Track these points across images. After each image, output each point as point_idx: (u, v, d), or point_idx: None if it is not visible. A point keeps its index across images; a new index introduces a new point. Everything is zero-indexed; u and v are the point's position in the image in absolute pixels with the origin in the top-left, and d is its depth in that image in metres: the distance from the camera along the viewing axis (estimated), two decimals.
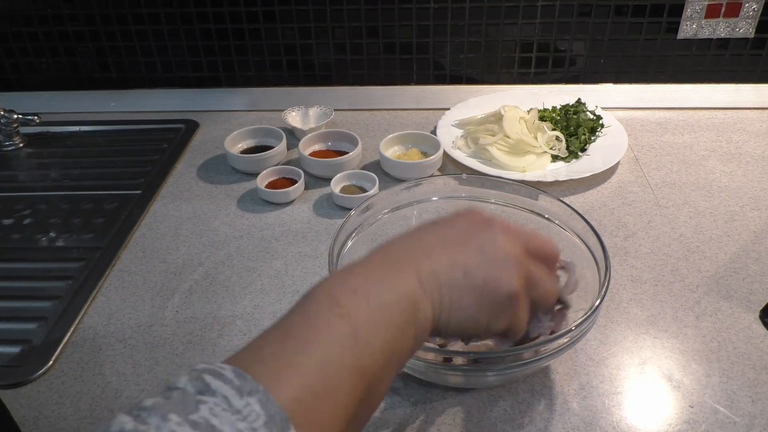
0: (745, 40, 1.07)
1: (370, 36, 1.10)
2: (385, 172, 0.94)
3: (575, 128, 0.97)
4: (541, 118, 0.98)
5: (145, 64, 1.15)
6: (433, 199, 0.72)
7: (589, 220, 0.64)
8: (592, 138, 0.97)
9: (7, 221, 0.89)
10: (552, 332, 0.58)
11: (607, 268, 0.59)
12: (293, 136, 1.03)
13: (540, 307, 0.49)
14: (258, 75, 1.16)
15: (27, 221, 0.89)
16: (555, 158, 0.94)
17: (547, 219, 0.69)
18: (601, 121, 0.99)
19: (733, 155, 0.96)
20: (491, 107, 1.01)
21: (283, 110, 1.05)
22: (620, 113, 1.06)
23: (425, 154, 0.95)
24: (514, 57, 1.11)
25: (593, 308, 0.55)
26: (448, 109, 1.06)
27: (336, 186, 0.88)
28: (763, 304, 0.69)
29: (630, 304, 0.70)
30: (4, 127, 1.04)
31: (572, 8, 1.06)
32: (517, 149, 0.93)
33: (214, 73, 1.16)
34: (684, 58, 1.10)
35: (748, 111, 1.07)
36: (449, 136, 0.98)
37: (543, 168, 0.92)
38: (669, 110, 1.08)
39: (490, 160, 0.93)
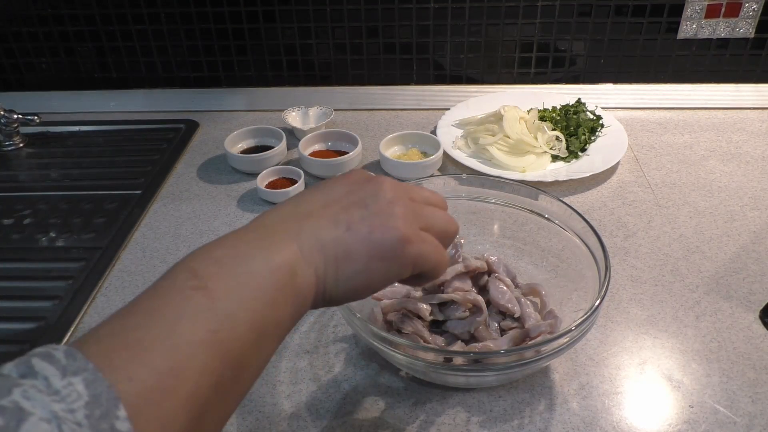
0: (745, 40, 1.07)
1: (370, 36, 1.10)
2: (385, 172, 0.94)
3: (575, 128, 0.97)
4: (541, 118, 0.98)
5: (145, 64, 1.15)
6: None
7: (589, 220, 0.64)
8: (592, 138, 0.97)
9: (7, 221, 0.89)
10: (550, 332, 0.58)
11: (607, 267, 0.59)
12: (293, 136, 1.03)
13: (444, 241, 0.45)
14: (258, 75, 1.16)
15: (27, 221, 0.89)
16: (555, 158, 0.94)
17: (547, 219, 0.69)
18: (601, 121, 0.99)
19: (733, 155, 0.96)
20: (491, 107, 1.01)
21: (283, 110, 1.05)
22: (620, 113, 1.06)
23: (425, 154, 0.95)
24: (514, 57, 1.11)
25: (593, 308, 0.55)
26: (448, 109, 1.06)
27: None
28: (763, 304, 0.69)
29: (630, 304, 0.70)
30: (4, 127, 1.04)
31: (572, 8, 1.06)
32: (517, 149, 0.93)
33: (214, 73, 1.16)
34: (684, 58, 1.10)
35: (748, 111, 1.07)
36: (449, 136, 0.98)
37: (543, 168, 0.92)
38: (669, 110, 1.08)
39: (490, 160, 0.93)
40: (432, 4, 1.06)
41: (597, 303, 0.55)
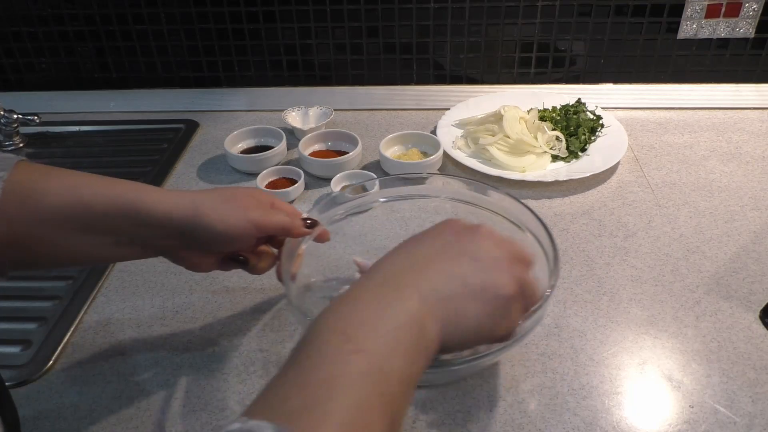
0: (745, 40, 1.07)
1: (370, 36, 1.10)
2: (385, 172, 0.94)
3: (575, 128, 0.97)
4: (541, 118, 0.98)
5: (145, 64, 1.15)
6: (381, 200, 0.73)
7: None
8: (592, 138, 0.97)
9: None
10: None
11: (556, 257, 0.58)
12: (293, 136, 1.03)
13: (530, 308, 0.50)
14: (258, 75, 1.16)
15: None
16: (555, 158, 0.94)
17: (496, 213, 0.68)
18: (601, 121, 0.99)
19: (733, 155, 0.96)
20: (491, 107, 1.01)
21: (283, 110, 1.05)
22: (620, 113, 1.06)
23: (425, 154, 0.95)
24: (514, 57, 1.11)
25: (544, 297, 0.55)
26: (448, 109, 1.06)
27: (336, 186, 0.88)
28: (763, 304, 0.69)
29: (630, 304, 0.70)
30: (4, 127, 1.04)
31: (572, 8, 1.06)
32: (517, 149, 0.93)
33: (214, 73, 1.16)
34: (684, 58, 1.10)
35: (748, 111, 1.07)
36: (449, 136, 0.98)
37: (543, 168, 0.92)
38: (669, 110, 1.08)
39: (490, 160, 0.93)
40: (432, 4, 1.06)
41: (548, 293, 0.55)
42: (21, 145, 1.06)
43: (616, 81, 1.13)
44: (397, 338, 0.39)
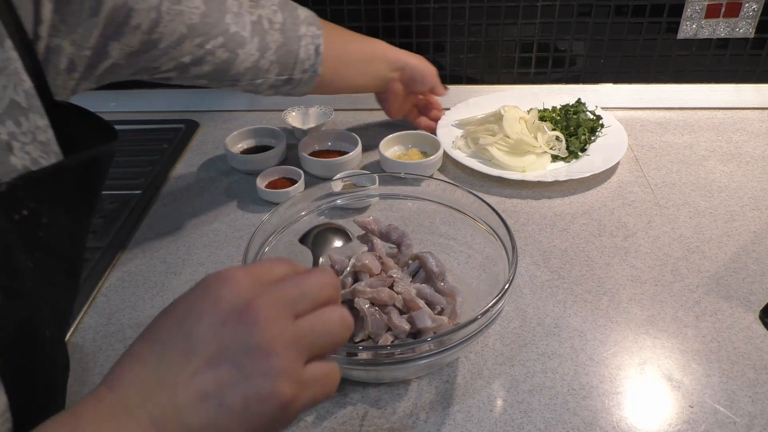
0: (745, 40, 1.07)
1: (370, 36, 1.10)
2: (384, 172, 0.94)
3: (575, 128, 0.96)
4: (541, 118, 0.98)
5: None
6: (338, 201, 0.76)
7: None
8: (592, 138, 0.97)
9: None
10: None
11: (514, 251, 0.61)
12: (293, 136, 1.03)
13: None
14: None
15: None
16: (555, 158, 0.94)
17: (459, 211, 0.71)
18: (601, 121, 0.99)
19: (733, 155, 0.96)
20: (491, 107, 1.01)
21: (283, 110, 1.05)
22: (620, 113, 1.06)
23: (425, 154, 0.95)
24: (514, 57, 1.11)
25: (502, 291, 0.57)
26: (448, 109, 1.06)
27: (336, 186, 0.88)
28: (763, 304, 0.69)
29: (630, 304, 0.70)
30: None
31: (572, 8, 1.06)
32: (517, 149, 0.92)
33: None
34: (684, 58, 1.10)
35: (748, 111, 1.07)
36: (449, 136, 0.98)
37: (543, 168, 0.92)
38: (669, 110, 1.08)
39: (490, 160, 0.93)
40: (432, 4, 1.06)
41: (506, 287, 0.57)
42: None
43: (616, 81, 1.13)
44: None
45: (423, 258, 0.68)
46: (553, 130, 0.95)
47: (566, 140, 0.95)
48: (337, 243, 0.69)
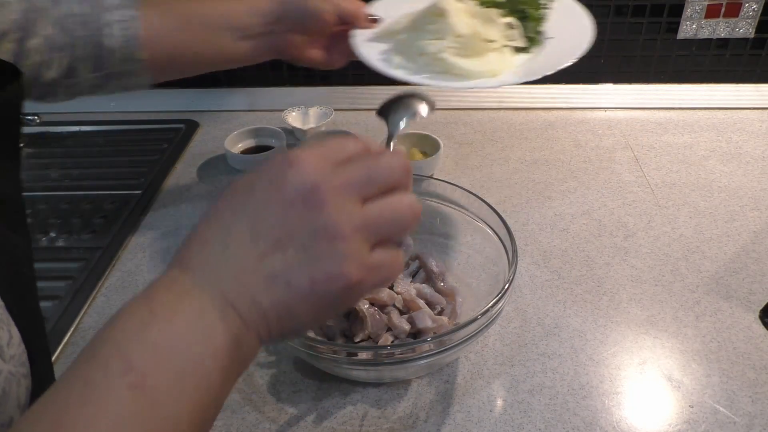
0: (745, 40, 1.07)
1: None
2: None
3: (520, 8, 0.76)
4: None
5: None
6: None
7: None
8: (543, 16, 0.77)
9: None
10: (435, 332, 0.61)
11: (514, 251, 0.61)
12: (293, 136, 1.03)
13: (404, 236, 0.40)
14: (258, 75, 1.15)
15: (27, 221, 0.89)
16: (515, 52, 0.75)
17: (459, 211, 0.71)
18: None
19: (733, 155, 0.96)
20: (417, 3, 0.76)
21: (283, 110, 1.05)
22: (620, 113, 1.06)
23: (425, 154, 0.95)
24: None
25: (502, 291, 0.56)
26: (449, 109, 1.05)
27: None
28: (763, 304, 0.69)
29: (630, 304, 0.70)
30: None
31: None
32: (473, 50, 0.72)
33: (213, 73, 1.15)
34: (684, 58, 1.10)
35: (748, 111, 1.07)
36: (378, 54, 0.74)
37: (513, 66, 0.72)
38: (669, 110, 1.08)
39: (447, 72, 0.71)
40: None
41: (506, 287, 0.57)
42: (21, 145, 1.06)
43: (616, 81, 1.12)
44: (196, 368, 0.31)
45: (423, 258, 0.68)
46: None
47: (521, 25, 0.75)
48: (422, 111, 0.56)
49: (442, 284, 0.66)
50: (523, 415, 0.58)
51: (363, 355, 0.56)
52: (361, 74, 1.14)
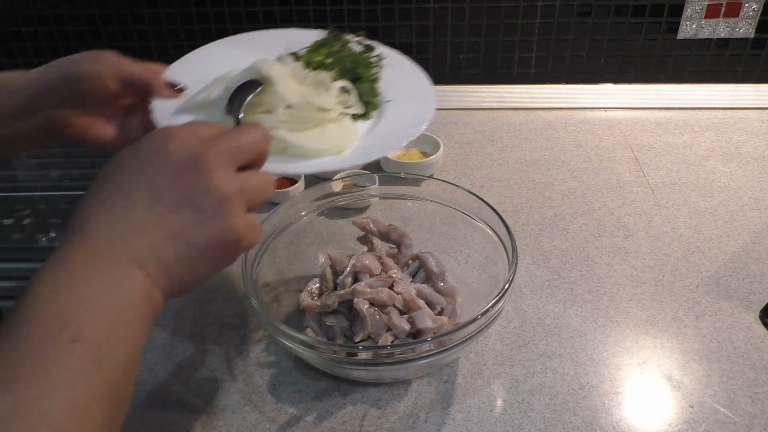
0: (745, 40, 1.07)
1: (370, 36, 1.10)
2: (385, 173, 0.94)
3: (352, 69, 0.66)
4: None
5: None
6: (338, 201, 0.75)
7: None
8: (377, 76, 0.68)
9: (7, 221, 0.89)
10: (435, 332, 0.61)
11: (514, 251, 0.61)
12: None
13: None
14: None
15: (27, 221, 0.89)
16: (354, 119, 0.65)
17: (459, 211, 0.71)
18: (374, 52, 0.70)
19: (733, 155, 0.96)
20: (224, 63, 0.63)
21: None
22: (620, 113, 1.06)
23: (425, 154, 0.95)
24: (514, 57, 1.11)
25: (502, 291, 0.57)
26: (449, 109, 1.05)
27: (336, 186, 0.88)
28: (763, 304, 0.69)
29: (630, 304, 0.70)
30: None
31: (572, 8, 1.06)
32: (309, 122, 0.60)
33: None
34: (684, 58, 1.10)
35: (748, 111, 1.07)
36: None
37: (356, 135, 0.62)
38: (669, 110, 1.08)
39: (285, 151, 0.58)
40: (432, 4, 1.06)
41: (506, 287, 0.57)
42: None
43: (616, 81, 1.13)
44: (123, 318, 0.36)
45: (423, 258, 0.68)
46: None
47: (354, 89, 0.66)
48: (251, 93, 0.57)
49: (442, 284, 0.66)
50: (523, 415, 0.58)
51: (363, 355, 0.56)
52: None
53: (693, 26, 1.06)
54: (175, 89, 0.60)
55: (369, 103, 0.66)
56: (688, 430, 0.57)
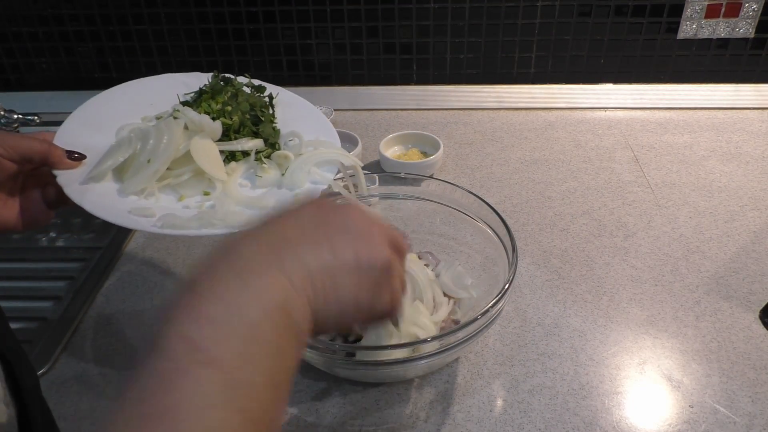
0: (745, 40, 1.07)
1: (370, 36, 1.10)
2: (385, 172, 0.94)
3: (250, 112, 0.66)
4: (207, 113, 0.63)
5: (145, 64, 1.15)
6: (337, 201, 0.75)
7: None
8: (274, 117, 0.69)
9: None
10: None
11: (514, 251, 0.61)
12: None
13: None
14: (258, 75, 1.15)
15: None
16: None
17: (459, 211, 0.71)
18: (267, 93, 0.71)
19: (733, 155, 0.96)
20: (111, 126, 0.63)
21: None
22: (620, 113, 1.06)
23: (425, 154, 0.95)
24: (514, 57, 1.11)
25: (502, 291, 0.57)
26: (449, 109, 1.05)
27: (336, 186, 0.88)
28: (763, 304, 0.69)
29: (630, 304, 0.70)
30: (4, 127, 1.04)
31: (572, 8, 1.06)
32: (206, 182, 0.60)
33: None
34: (684, 58, 1.10)
35: (748, 111, 1.07)
36: (118, 203, 0.60)
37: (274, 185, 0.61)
38: (669, 110, 1.08)
39: (212, 226, 0.57)
40: (432, 4, 1.06)
41: (506, 287, 0.57)
42: None
43: (616, 81, 1.12)
44: (258, 334, 0.32)
45: (423, 258, 0.68)
46: (238, 130, 0.64)
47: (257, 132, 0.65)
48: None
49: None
50: (523, 415, 0.58)
51: (363, 356, 0.56)
52: (361, 74, 1.14)
53: (693, 26, 1.06)
54: (75, 158, 0.57)
55: (273, 144, 0.64)
56: (688, 430, 0.57)
